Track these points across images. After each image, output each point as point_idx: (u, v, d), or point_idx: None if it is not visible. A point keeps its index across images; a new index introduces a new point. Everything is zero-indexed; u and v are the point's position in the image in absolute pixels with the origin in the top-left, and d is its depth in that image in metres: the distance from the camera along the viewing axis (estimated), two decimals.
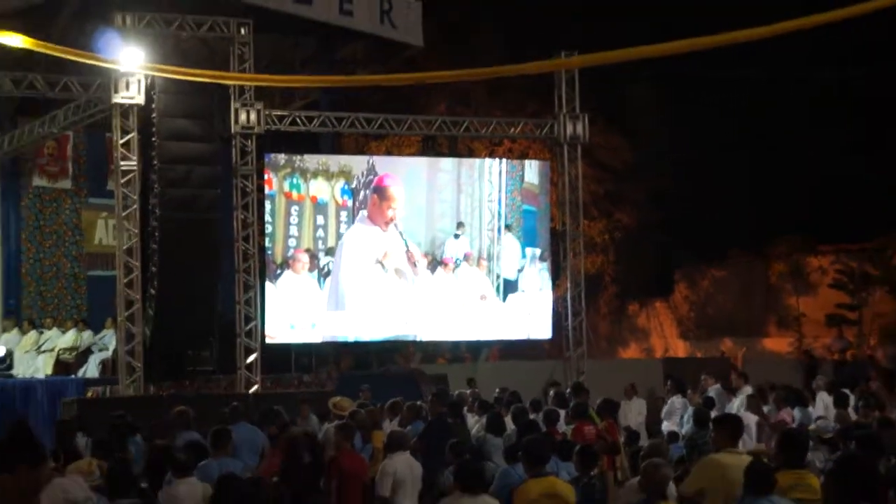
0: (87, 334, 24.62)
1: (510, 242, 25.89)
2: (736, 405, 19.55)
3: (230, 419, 15.40)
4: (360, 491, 12.43)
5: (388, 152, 32.10)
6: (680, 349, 39.43)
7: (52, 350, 24.20)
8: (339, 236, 24.51)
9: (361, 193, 24.72)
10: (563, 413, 16.91)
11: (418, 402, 16.58)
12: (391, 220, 24.69)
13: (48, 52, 19.22)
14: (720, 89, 36.10)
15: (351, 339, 25.39)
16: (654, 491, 9.84)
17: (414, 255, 24.83)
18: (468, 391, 20.77)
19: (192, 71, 20.64)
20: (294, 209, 24.29)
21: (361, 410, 15.62)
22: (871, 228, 36.42)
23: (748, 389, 20.21)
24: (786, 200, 36.24)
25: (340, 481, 12.12)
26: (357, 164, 25.48)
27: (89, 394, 21.10)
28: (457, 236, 25.35)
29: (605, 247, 37.35)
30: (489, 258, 25.73)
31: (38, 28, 20.53)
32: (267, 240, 23.82)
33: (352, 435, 13.29)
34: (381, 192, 24.75)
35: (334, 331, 24.76)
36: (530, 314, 26.19)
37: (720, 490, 9.26)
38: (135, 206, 21.22)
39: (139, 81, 20.91)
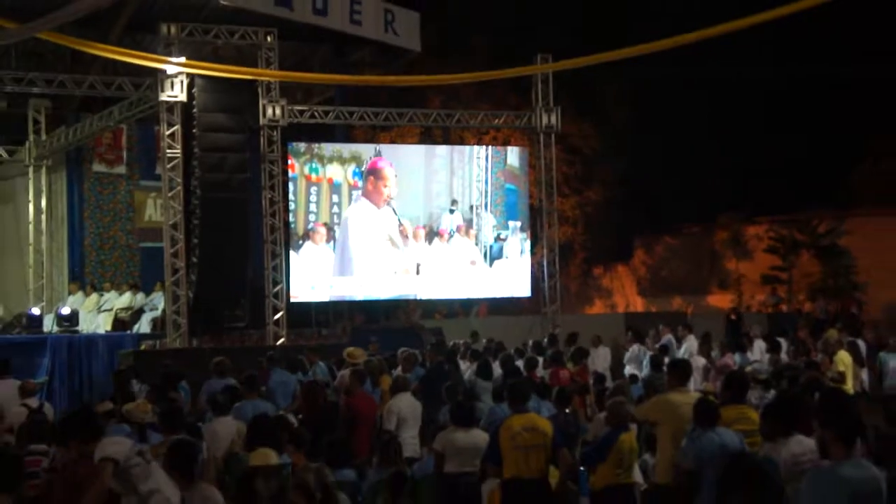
0: (140, 296, 24.61)
1: (488, 218, 25.88)
2: (682, 351, 19.63)
3: (268, 366, 15.42)
4: (369, 427, 12.45)
5: (392, 141, 32.05)
6: (638, 305, 39.53)
7: (110, 310, 24.19)
8: None
9: None
10: (540, 360, 16.95)
11: (415, 352, 16.57)
12: (387, 198, 24.65)
13: (111, 55, 19.31)
14: (675, 85, 36.05)
15: (361, 298, 25.40)
16: (617, 424, 9.86)
17: (406, 229, 24.80)
18: (462, 342, 20.77)
19: (229, 68, 20.68)
20: (313, 189, 24.25)
21: (373, 359, 15.64)
22: (800, 202, 36.54)
23: (692, 338, 20.29)
24: (728, 180, 36.30)
25: (353, 419, 12.12)
26: (366, 150, 25.43)
27: (142, 346, 21.10)
28: (451, 211, 25.32)
29: (576, 220, 37.36)
30: (478, 230, 25.74)
31: (96, 37, 20.45)
32: (290, 215, 23.76)
33: (363, 379, 13.31)
34: (376, 173, 24.68)
35: (347, 291, 24.76)
36: (512, 276, 26.20)
37: (672, 423, 9.27)
38: (179, 188, 21.19)
39: (182, 82, 20.84)
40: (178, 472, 7.54)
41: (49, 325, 23.01)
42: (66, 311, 23.09)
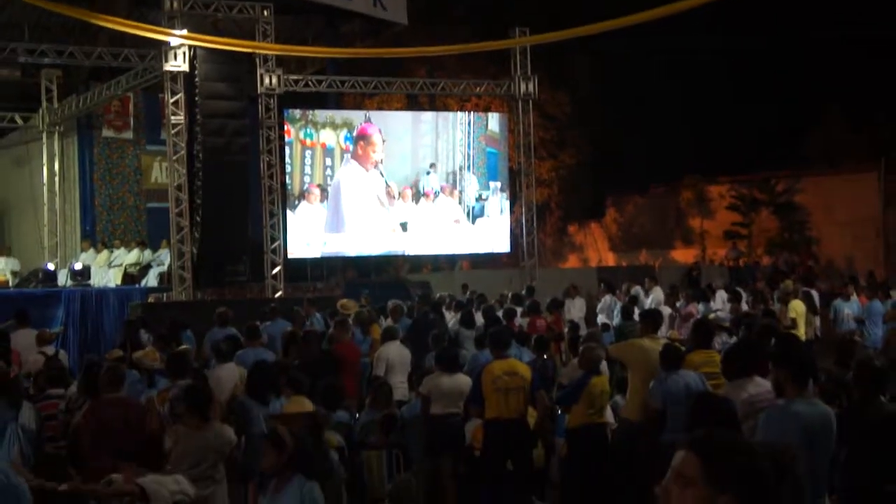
0: (147, 252, 24.59)
1: (470, 179, 25.88)
2: (649, 301, 19.73)
3: (270, 317, 15.42)
4: (355, 372, 12.49)
5: (380, 107, 31.90)
6: (610, 259, 39.60)
7: (120, 265, 24.18)
8: None
9: None
10: (519, 310, 17.01)
11: (402, 303, 16.64)
12: (376, 162, 24.61)
13: (118, 27, 19.14)
14: (643, 55, 35.95)
15: (353, 254, 25.41)
16: (589, 368, 9.92)
17: (393, 190, 24.78)
18: (447, 294, 20.79)
19: (229, 41, 20.53)
20: (307, 153, 24.20)
21: (363, 310, 15.67)
22: (759, 163, 36.65)
23: (658, 290, 20.41)
24: (693, 142, 36.32)
25: (340, 365, 12.16)
26: (356, 117, 25.37)
27: (150, 299, 21.07)
28: (428, 172, 25.30)
29: (551, 181, 37.32)
30: (461, 190, 25.75)
31: (104, 11, 20.29)
32: (287, 177, 23.73)
33: (347, 329, 13.32)
34: (365, 138, 24.61)
35: (340, 247, 24.76)
36: (493, 233, 26.24)
37: (643, 366, 9.35)
38: (183, 152, 21.08)
39: (184, 53, 20.68)
40: (196, 413, 7.63)
41: (63, 279, 22.98)
42: (78, 266, 23.06)
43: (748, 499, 2.81)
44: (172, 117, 20.98)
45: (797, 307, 16.50)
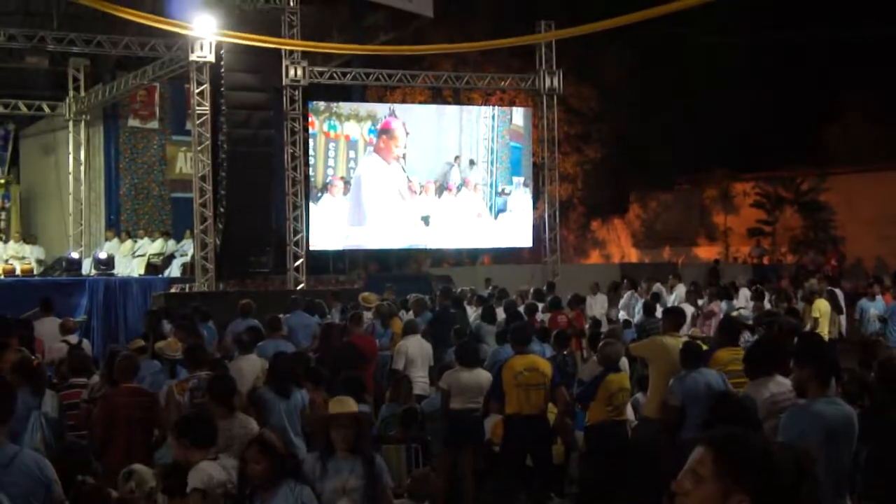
0: (171, 243, 24.69)
1: (494, 174, 25.82)
2: (672, 299, 19.61)
3: (291, 308, 15.43)
4: (370, 364, 12.48)
5: (404, 101, 31.91)
6: (633, 256, 39.49)
7: (144, 255, 24.28)
8: None
9: None
10: (540, 305, 16.97)
11: (423, 297, 16.60)
12: (398, 156, 24.61)
13: (141, 20, 19.16)
14: (669, 50, 35.79)
15: (375, 247, 25.43)
16: (607, 364, 9.88)
17: (414, 184, 24.78)
18: (469, 288, 20.75)
19: (253, 36, 20.48)
20: (331, 145, 24.25)
21: (384, 303, 15.66)
22: (784, 160, 36.46)
23: (681, 287, 20.29)
24: (718, 139, 36.15)
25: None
26: (380, 109, 25.43)
27: (173, 289, 21.14)
28: (451, 166, 25.29)
29: (575, 176, 37.23)
30: (484, 184, 25.73)
31: (130, 4, 20.33)
32: (310, 170, 23.78)
33: (360, 322, 13.32)
34: (388, 133, 24.64)
35: (362, 241, 24.80)
36: (516, 228, 26.21)
37: (664, 364, 9.30)
38: (207, 142, 21.14)
39: (210, 43, 20.71)
40: (221, 403, 7.65)
41: (87, 268, 23.13)
42: (102, 255, 23.20)
43: (762, 496, 2.81)
44: (198, 107, 21.04)
45: (821, 306, 16.41)
